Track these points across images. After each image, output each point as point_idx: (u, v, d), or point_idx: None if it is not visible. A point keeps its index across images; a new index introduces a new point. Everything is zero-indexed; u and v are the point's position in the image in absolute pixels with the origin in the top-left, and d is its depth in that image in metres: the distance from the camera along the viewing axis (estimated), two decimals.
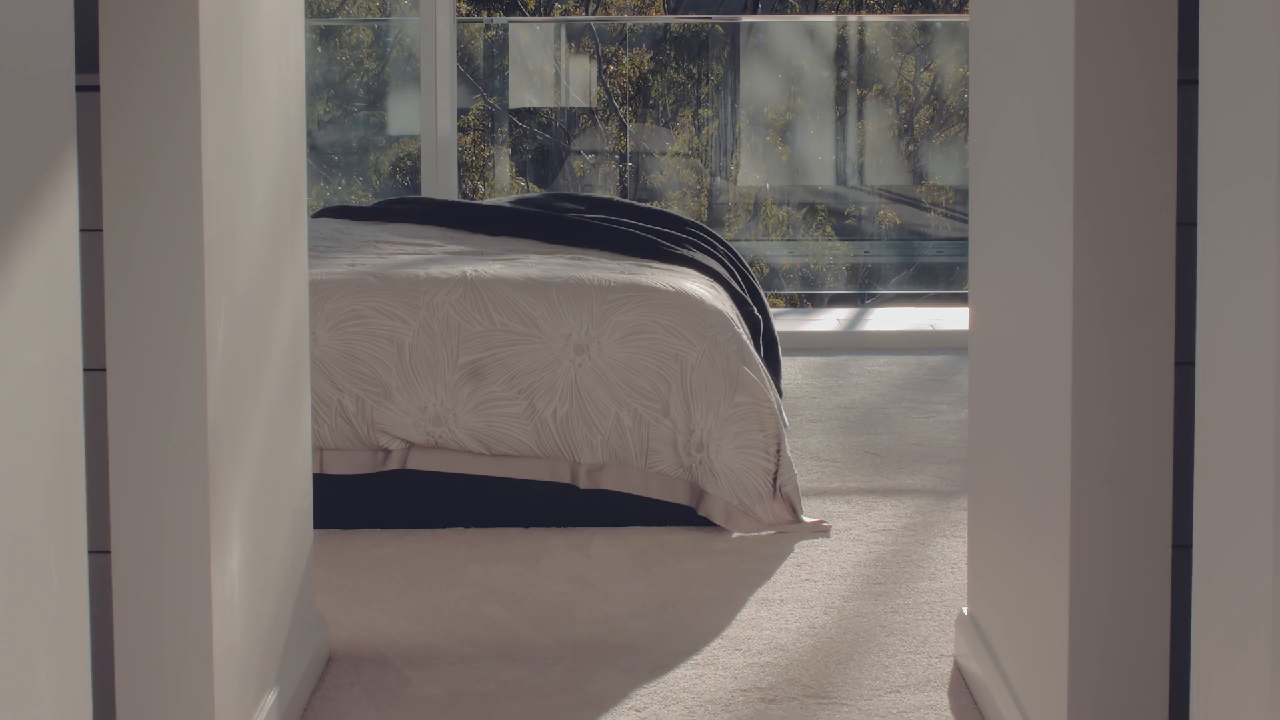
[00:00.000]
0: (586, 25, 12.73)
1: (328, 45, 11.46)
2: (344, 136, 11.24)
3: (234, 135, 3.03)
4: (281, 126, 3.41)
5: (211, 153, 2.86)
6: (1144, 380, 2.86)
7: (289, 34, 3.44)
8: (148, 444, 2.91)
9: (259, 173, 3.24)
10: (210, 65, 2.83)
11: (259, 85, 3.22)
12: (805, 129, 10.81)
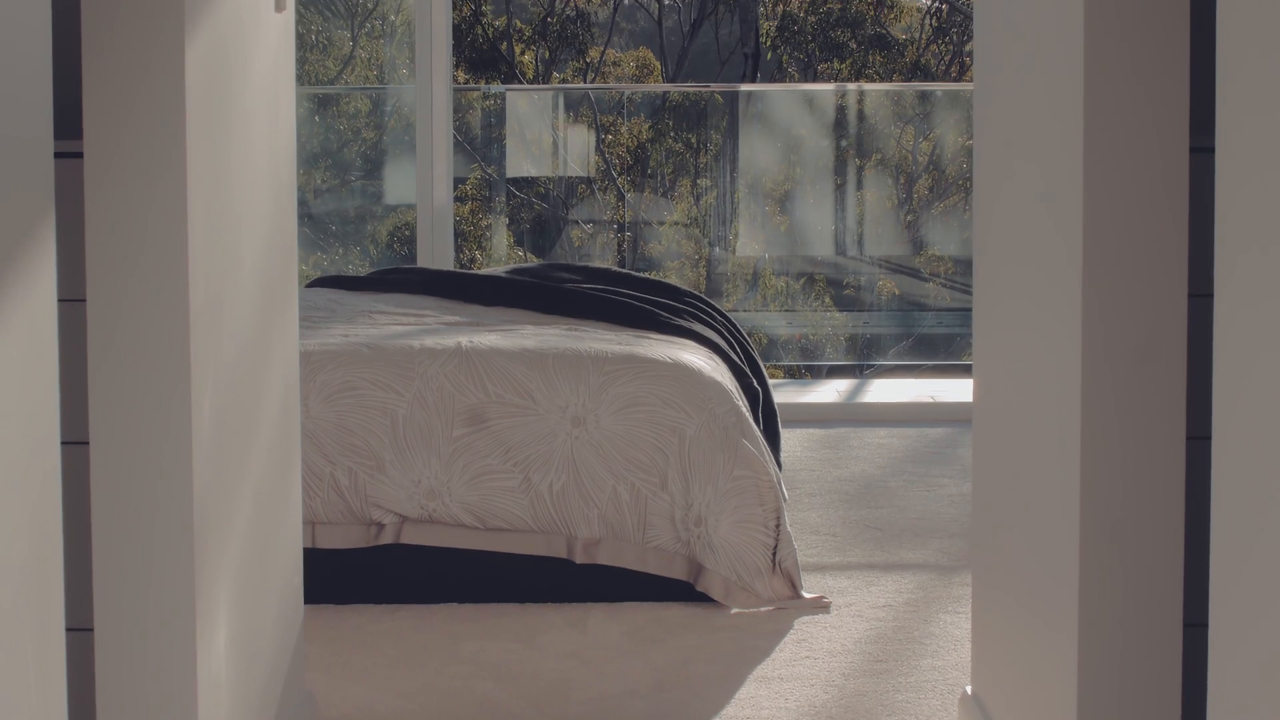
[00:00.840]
0: (585, 94, 12.73)
1: (325, 114, 11.44)
2: (341, 205, 11.21)
3: (222, 202, 2.96)
4: (272, 193, 3.35)
5: (198, 220, 2.79)
6: (1155, 453, 2.79)
7: (280, 99, 3.39)
8: (132, 519, 2.84)
9: (248, 240, 3.17)
10: (197, 130, 2.77)
11: (248, 151, 3.16)
12: (804, 198, 10.78)
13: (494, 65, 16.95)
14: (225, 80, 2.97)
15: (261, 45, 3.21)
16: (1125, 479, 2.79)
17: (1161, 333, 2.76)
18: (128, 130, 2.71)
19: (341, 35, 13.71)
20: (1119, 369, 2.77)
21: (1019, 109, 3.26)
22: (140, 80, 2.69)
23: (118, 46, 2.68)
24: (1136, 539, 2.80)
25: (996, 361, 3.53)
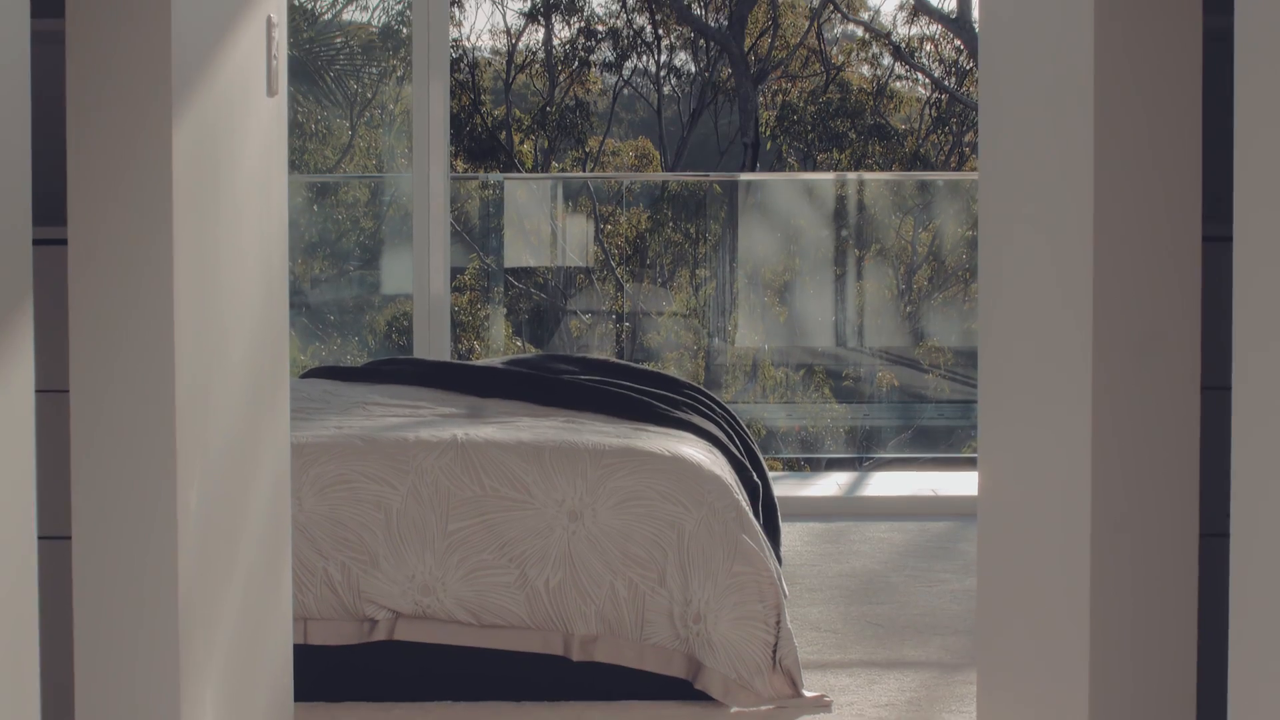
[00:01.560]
0: (584, 184, 12.71)
1: (323, 203, 11.41)
2: (339, 295, 11.16)
3: (210, 290, 2.89)
4: (263, 281, 3.29)
5: (185, 308, 2.72)
6: (1167, 549, 2.72)
7: (271, 184, 3.32)
8: (115, 617, 2.76)
9: (237, 330, 3.10)
10: (184, 216, 2.70)
11: (238, 237, 3.09)
12: (804, 289, 10.73)
13: (493, 154, 16.94)
14: (214, 165, 2.91)
15: (252, 130, 3.15)
16: (1137, 576, 2.72)
17: (1174, 426, 2.69)
18: (113, 216, 2.65)
19: (340, 124, 13.70)
20: (1131, 462, 2.70)
21: (1026, 197, 3.20)
22: (126, 165, 2.63)
23: (103, 130, 2.62)
24: (1148, 638, 2.72)
25: (1003, 454, 3.46)
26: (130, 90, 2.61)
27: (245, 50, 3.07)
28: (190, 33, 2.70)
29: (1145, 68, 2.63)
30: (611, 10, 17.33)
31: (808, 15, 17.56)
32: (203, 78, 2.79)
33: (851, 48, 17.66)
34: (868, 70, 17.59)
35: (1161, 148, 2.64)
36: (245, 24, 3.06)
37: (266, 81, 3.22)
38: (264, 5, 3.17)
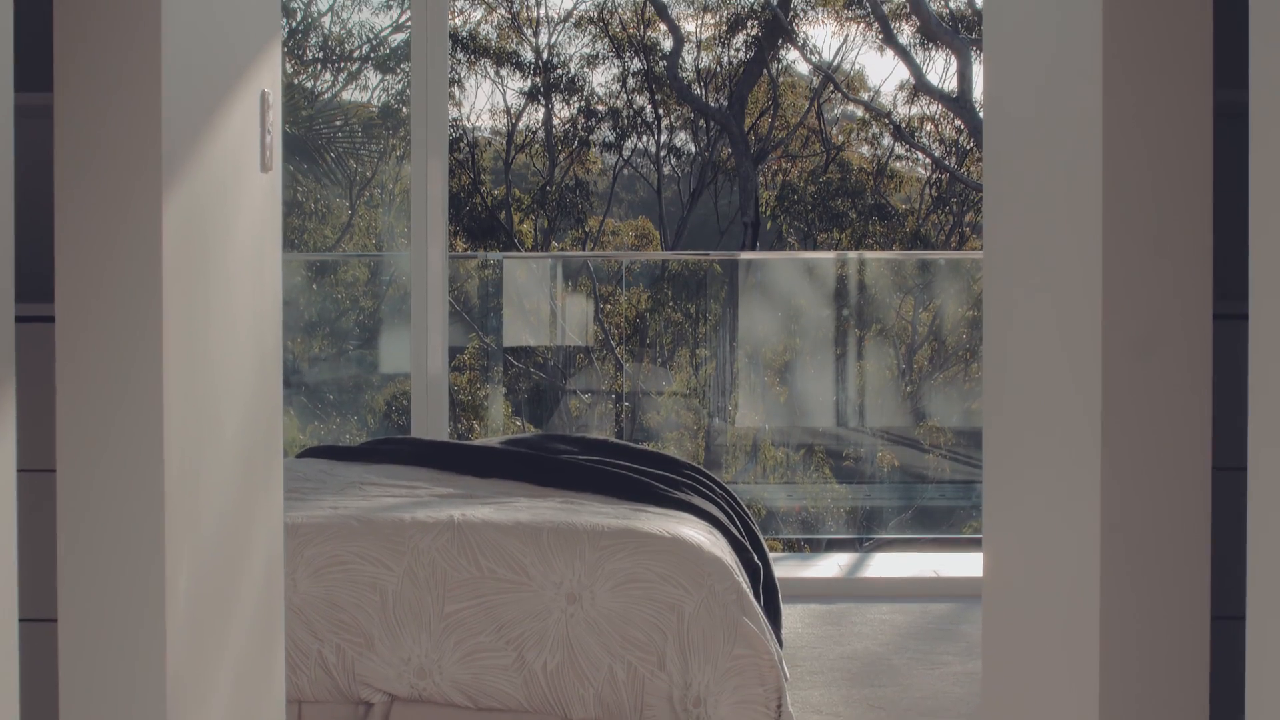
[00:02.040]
0: (584, 264, 12.69)
1: (323, 282, 11.39)
2: (338, 374, 11.13)
3: (200, 368, 2.84)
4: (255, 359, 3.24)
5: (175, 387, 2.67)
6: (1177, 637, 2.66)
7: (265, 261, 3.28)
8: (102, 702, 2.69)
9: (229, 408, 3.05)
10: (175, 293, 2.66)
11: (230, 315, 3.04)
12: (804, 369, 10.70)
13: (492, 234, 16.94)
14: (205, 241, 2.86)
15: (245, 205, 3.11)
16: (1146, 662, 2.66)
17: (1184, 508, 2.63)
18: (101, 293, 2.60)
19: (340, 203, 13.70)
20: (1140, 545, 2.64)
21: (1032, 276, 3.16)
22: (115, 241, 2.58)
23: (92, 206, 2.58)
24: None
25: (1008, 536, 3.40)
26: (119, 165, 2.56)
27: (238, 125, 3.03)
28: (181, 107, 2.66)
29: (1155, 143, 2.59)
30: (612, 90, 17.36)
31: (808, 95, 17.59)
32: (194, 153, 2.74)
33: (852, 127, 17.69)
34: (868, 150, 17.62)
35: (1171, 224, 2.60)
36: (238, 98, 3.02)
37: (260, 157, 3.18)
38: (258, 79, 3.13)
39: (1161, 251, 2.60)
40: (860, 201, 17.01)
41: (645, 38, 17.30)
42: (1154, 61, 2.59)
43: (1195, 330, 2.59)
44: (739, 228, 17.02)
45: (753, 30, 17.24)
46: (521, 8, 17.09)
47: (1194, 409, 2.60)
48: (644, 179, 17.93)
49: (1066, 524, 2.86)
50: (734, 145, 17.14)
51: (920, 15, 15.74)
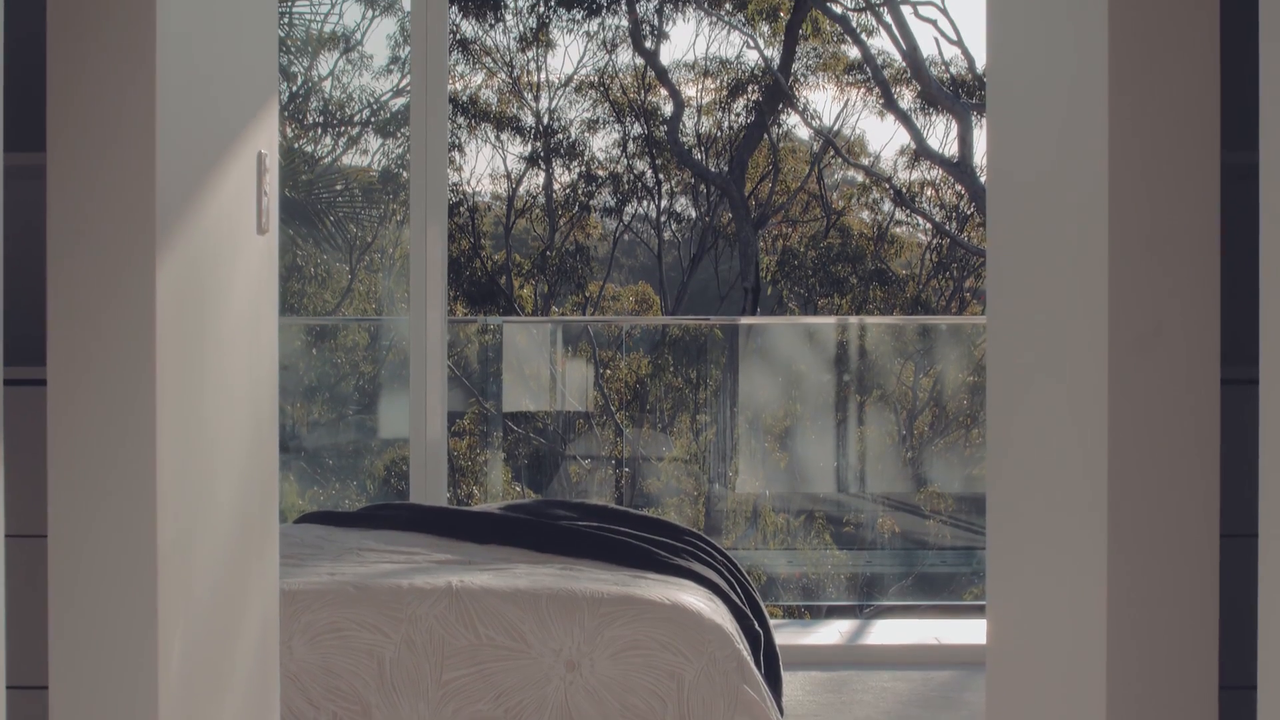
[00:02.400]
0: (584, 329, 12.66)
1: (322, 346, 11.37)
2: (338, 439, 11.10)
3: (195, 432, 2.81)
4: (251, 423, 3.20)
5: (169, 451, 2.63)
6: (1183, 705, 2.62)
7: (261, 324, 3.24)
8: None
9: (224, 473, 3.01)
10: (169, 357, 2.62)
11: (225, 379, 3.01)
12: (805, 434, 10.67)
13: (492, 299, 16.92)
14: (200, 304, 2.83)
15: (241, 268, 3.07)
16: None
17: (1192, 575, 2.59)
18: (94, 356, 2.57)
19: (340, 268, 13.69)
20: (1146, 613, 2.60)
21: (1036, 342, 3.13)
22: (108, 303, 2.55)
23: (85, 267, 2.54)
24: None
25: (1012, 603, 3.36)
26: (113, 226, 2.53)
27: (234, 186, 3.00)
28: (176, 168, 2.63)
29: (1162, 207, 2.56)
30: (612, 155, 17.38)
31: (808, 160, 17.61)
32: (189, 214, 2.71)
33: (852, 192, 17.70)
34: (868, 215, 17.62)
35: (1179, 290, 2.57)
36: (235, 159, 2.99)
37: (257, 218, 3.15)
38: (254, 140, 3.11)
39: (1168, 317, 2.57)
40: (861, 267, 17.01)
41: (646, 102, 17.33)
42: (1161, 125, 2.56)
43: (1203, 396, 2.56)
44: (739, 293, 17.01)
45: (753, 95, 17.27)
46: (522, 73, 17.12)
47: (1202, 475, 2.57)
48: (644, 244, 17.93)
49: (1072, 592, 2.82)
50: (734, 210, 17.14)
51: (921, 80, 15.77)
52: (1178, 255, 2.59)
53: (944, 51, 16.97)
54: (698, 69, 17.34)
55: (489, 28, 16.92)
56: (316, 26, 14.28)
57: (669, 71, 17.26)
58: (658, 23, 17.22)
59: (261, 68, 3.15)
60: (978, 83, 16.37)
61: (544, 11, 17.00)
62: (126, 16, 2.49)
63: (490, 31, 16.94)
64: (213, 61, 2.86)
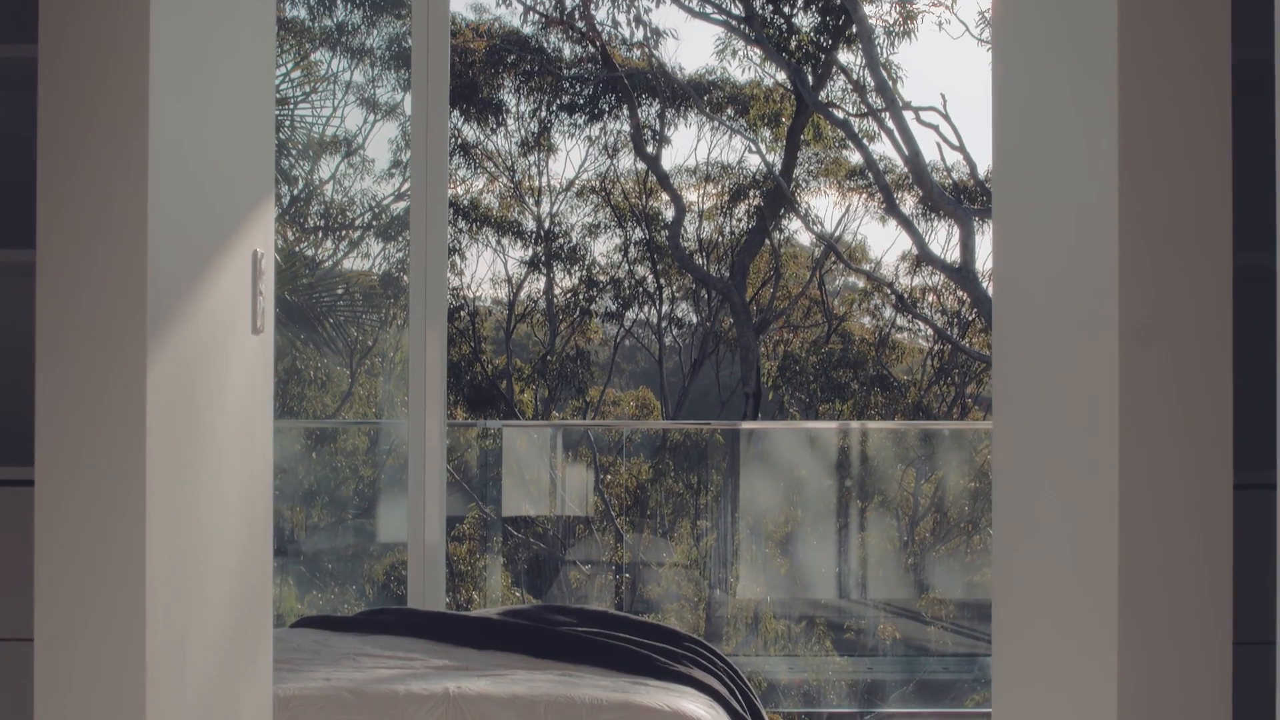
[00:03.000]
0: (584, 434, 12.61)
1: (322, 451, 11.34)
2: (338, 543, 11.04)
3: (186, 535, 2.75)
4: (245, 526, 3.15)
5: (159, 554, 2.58)
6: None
7: (255, 426, 3.20)
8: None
9: (217, 576, 2.96)
10: (159, 457, 2.57)
11: (218, 480, 2.96)
12: (806, 540, 10.61)
13: (492, 403, 16.87)
14: (193, 404, 2.78)
15: (235, 368, 3.03)
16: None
17: (1203, 684, 2.54)
18: (83, 456, 2.52)
19: (340, 372, 13.65)
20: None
21: (1045, 455, 3.08)
22: (98, 402, 2.50)
23: (73, 366, 2.50)
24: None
25: (1018, 711, 3.30)
26: (103, 325, 2.49)
27: (229, 285, 2.96)
28: (168, 266, 2.59)
29: (1174, 312, 2.52)
30: (613, 260, 17.38)
31: (810, 265, 17.61)
32: (181, 313, 2.67)
33: (854, 298, 17.69)
34: (870, 321, 17.60)
35: (1190, 398, 2.52)
36: (229, 257, 2.96)
37: (251, 318, 3.11)
38: (249, 240, 3.07)
39: (1180, 425, 2.52)
40: (862, 372, 16.97)
41: (647, 207, 17.34)
42: (1172, 229, 2.53)
43: (1215, 501, 2.51)
44: (740, 398, 16.97)
45: (755, 200, 17.29)
46: (524, 177, 17.15)
47: (1214, 583, 2.51)
48: (645, 349, 17.91)
49: (1080, 701, 2.76)
50: (736, 315, 17.12)
51: (923, 185, 15.78)
52: (1189, 362, 2.54)
53: (946, 157, 16.95)
54: (699, 174, 17.36)
55: (490, 132, 16.96)
56: (318, 130, 14.31)
57: (670, 176, 17.28)
58: (659, 127, 17.26)
59: (257, 168, 3.12)
60: (980, 188, 16.38)
61: (546, 116, 17.04)
62: (118, 115, 2.47)
63: (492, 135, 16.98)
64: (206, 161, 2.83)
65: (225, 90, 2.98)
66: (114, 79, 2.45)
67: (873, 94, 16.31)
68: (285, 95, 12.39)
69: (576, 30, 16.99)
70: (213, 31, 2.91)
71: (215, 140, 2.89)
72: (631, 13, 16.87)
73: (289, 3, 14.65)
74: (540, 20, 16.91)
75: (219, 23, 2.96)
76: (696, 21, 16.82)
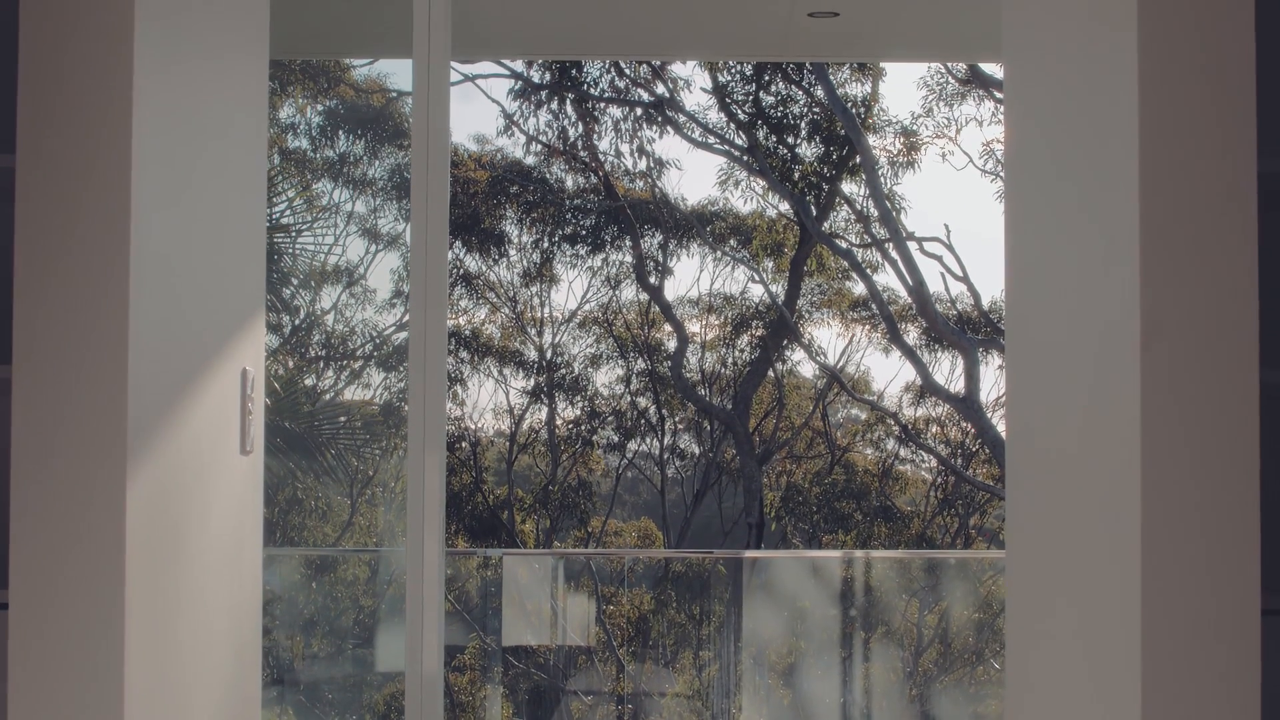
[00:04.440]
0: (585, 565, 12.53)
1: (322, 580, 11.28)
2: (339, 673, 10.97)
3: (168, 663, 2.67)
4: (231, 653, 3.06)
5: (138, 681, 2.50)
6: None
7: (244, 550, 3.12)
8: None
9: (201, 705, 2.87)
10: (140, 581, 2.50)
11: (202, 607, 2.88)
12: (809, 671, 10.51)
13: (494, 533, 16.76)
14: (176, 527, 2.70)
15: (223, 490, 2.95)
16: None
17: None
18: (59, 579, 2.44)
19: (341, 501, 13.59)
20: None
21: (1060, 578, 3.00)
22: (76, 524, 2.43)
23: (51, 485, 2.43)
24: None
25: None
26: (81, 443, 2.42)
27: (215, 403, 2.89)
28: (150, 382, 2.53)
29: (1195, 432, 2.45)
30: (615, 391, 17.32)
31: (813, 396, 17.55)
32: (164, 431, 2.60)
33: (857, 429, 17.62)
34: (873, 452, 17.52)
35: (1213, 532, 2.45)
36: (216, 374, 2.89)
37: (240, 438, 3.04)
38: (238, 356, 3.00)
39: (1204, 551, 2.45)
40: (865, 503, 16.87)
41: (649, 338, 17.31)
42: (1197, 353, 2.46)
43: (1242, 625, 2.43)
44: (743, 529, 16.87)
45: (757, 331, 17.26)
46: (525, 308, 17.13)
47: (1241, 707, 2.43)
48: (648, 480, 17.82)
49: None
50: (738, 446, 17.04)
51: (927, 316, 15.76)
52: (1213, 490, 2.47)
53: (950, 288, 16.94)
54: (702, 305, 17.35)
55: (493, 262, 16.96)
56: (320, 260, 14.32)
57: (673, 307, 17.26)
58: (662, 258, 17.26)
59: (247, 284, 3.06)
60: (984, 318, 16.35)
61: (548, 247, 17.05)
62: (99, 227, 2.41)
63: (494, 266, 16.98)
64: (193, 276, 2.77)
65: (214, 206, 2.93)
66: (95, 190, 2.40)
67: (876, 224, 16.32)
68: (288, 224, 12.42)
69: (579, 161, 17.03)
70: (202, 147, 2.86)
71: (203, 256, 2.84)
72: (635, 143, 16.91)
73: (291, 133, 14.71)
74: (543, 151, 16.95)
75: (209, 138, 2.92)
76: (699, 152, 16.85)
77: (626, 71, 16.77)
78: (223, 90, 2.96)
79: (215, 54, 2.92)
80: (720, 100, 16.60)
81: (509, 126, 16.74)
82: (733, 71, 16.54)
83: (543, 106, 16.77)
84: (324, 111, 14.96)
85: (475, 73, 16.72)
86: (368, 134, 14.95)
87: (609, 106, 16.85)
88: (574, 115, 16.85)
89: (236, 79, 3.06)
